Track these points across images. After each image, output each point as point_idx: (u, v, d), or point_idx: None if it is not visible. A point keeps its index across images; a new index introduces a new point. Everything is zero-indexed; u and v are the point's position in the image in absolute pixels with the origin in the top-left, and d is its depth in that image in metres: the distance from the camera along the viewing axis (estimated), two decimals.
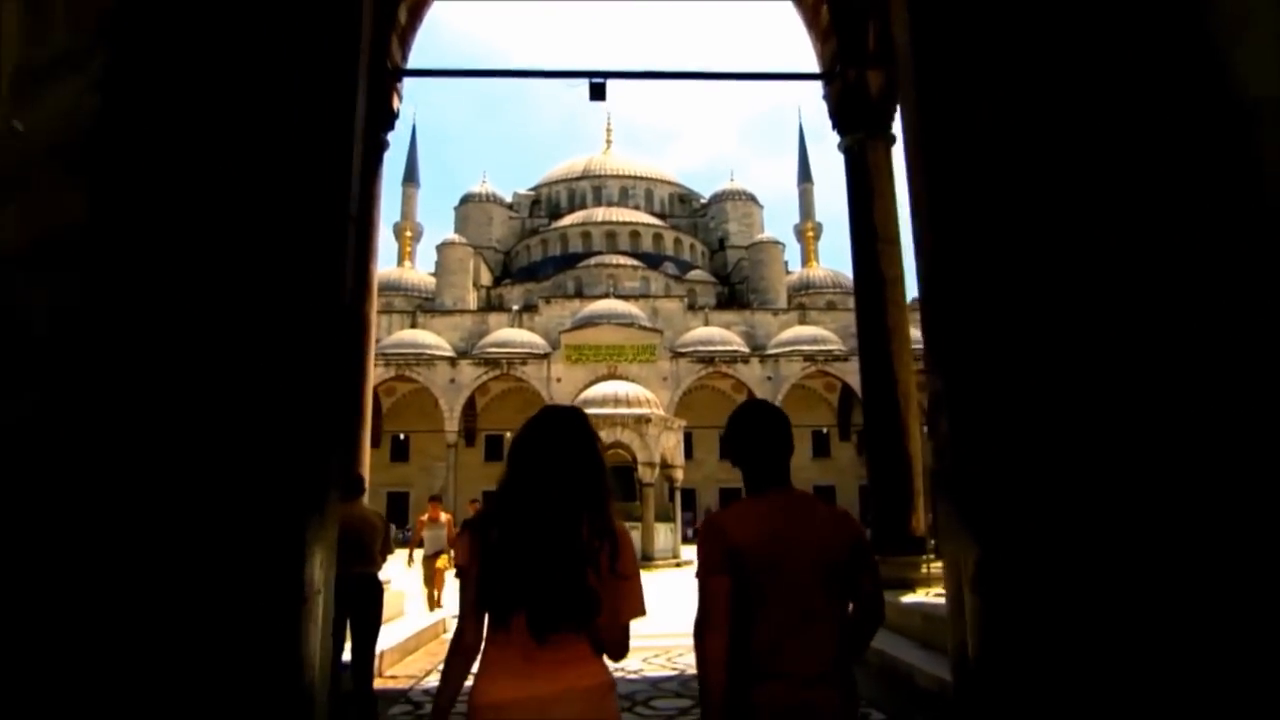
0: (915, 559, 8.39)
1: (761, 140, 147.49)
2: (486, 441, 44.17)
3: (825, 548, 2.07)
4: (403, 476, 43.68)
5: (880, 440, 8.99)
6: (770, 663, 1.97)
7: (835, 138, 10.05)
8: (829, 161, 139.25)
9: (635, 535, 24.01)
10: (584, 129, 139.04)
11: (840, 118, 10.03)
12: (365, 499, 9.10)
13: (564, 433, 1.96)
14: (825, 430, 44.30)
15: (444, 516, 11.97)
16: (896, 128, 9.93)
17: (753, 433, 2.29)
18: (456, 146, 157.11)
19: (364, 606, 5.36)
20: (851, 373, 42.40)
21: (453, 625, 2.60)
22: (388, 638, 7.56)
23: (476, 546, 1.89)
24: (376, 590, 5.44)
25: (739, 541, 2.01)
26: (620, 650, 1.94)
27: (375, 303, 9.25)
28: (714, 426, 43.66)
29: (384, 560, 5.69)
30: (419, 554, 11.79)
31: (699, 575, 2.05)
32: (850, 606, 2.15)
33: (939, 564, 8.23)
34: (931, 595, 7.68)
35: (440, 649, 8.24)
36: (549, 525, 1.83)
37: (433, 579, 11.22)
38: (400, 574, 10.53)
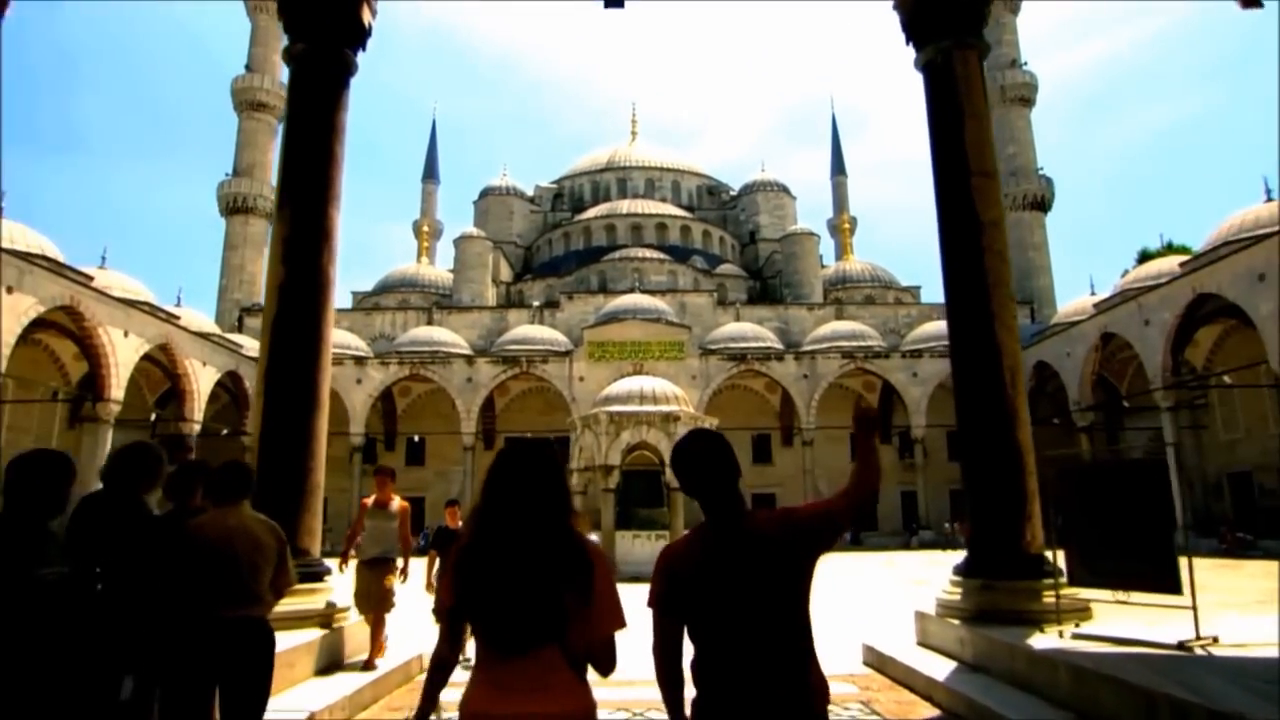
0: (1034, 584, 6.30)
1: (791, 136, 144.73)
2: (506, 445, 42.37)
3: (766, 559, 2.06)
4: (418, 481, 41.97)
5: (979, 427, 6.92)
6: (723, 682, 2.03)
7: (868, 128, 8.07)
8: (862, 155, 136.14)
9: (662, 543, 21.98)
10: (609, 127, 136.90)
11: (916, 26, 8.01)
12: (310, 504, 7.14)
13: (529, 464, 2.05)
14: None
15: (396, 503, 7.19)
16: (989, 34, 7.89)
17: (690, 463, 2.23)
18: (479, 145, 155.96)
19: (241, 667, 3.44)
20: (893, 370, 40.03)
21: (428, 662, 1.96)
22: (332, 690, 5.66)
23: (455, 581, 1.99)
24: (261, 642, 3.52)
25: (680, 571, 2.12)
26: (607, 665, 1.98)
27: (335, 257, 7.35)
28: (746, 428, 41.63)
29: (278, 596, 3.75)
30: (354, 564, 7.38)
31: (649, 604, 2.16)
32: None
33: (1071, 590, 6.16)
34: (1068, 636, 5.61)
35: (410, 697, 6.31)
36: (520, 548, 1.92)
37: (374, 600, 6.75)
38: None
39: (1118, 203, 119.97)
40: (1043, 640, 5.50)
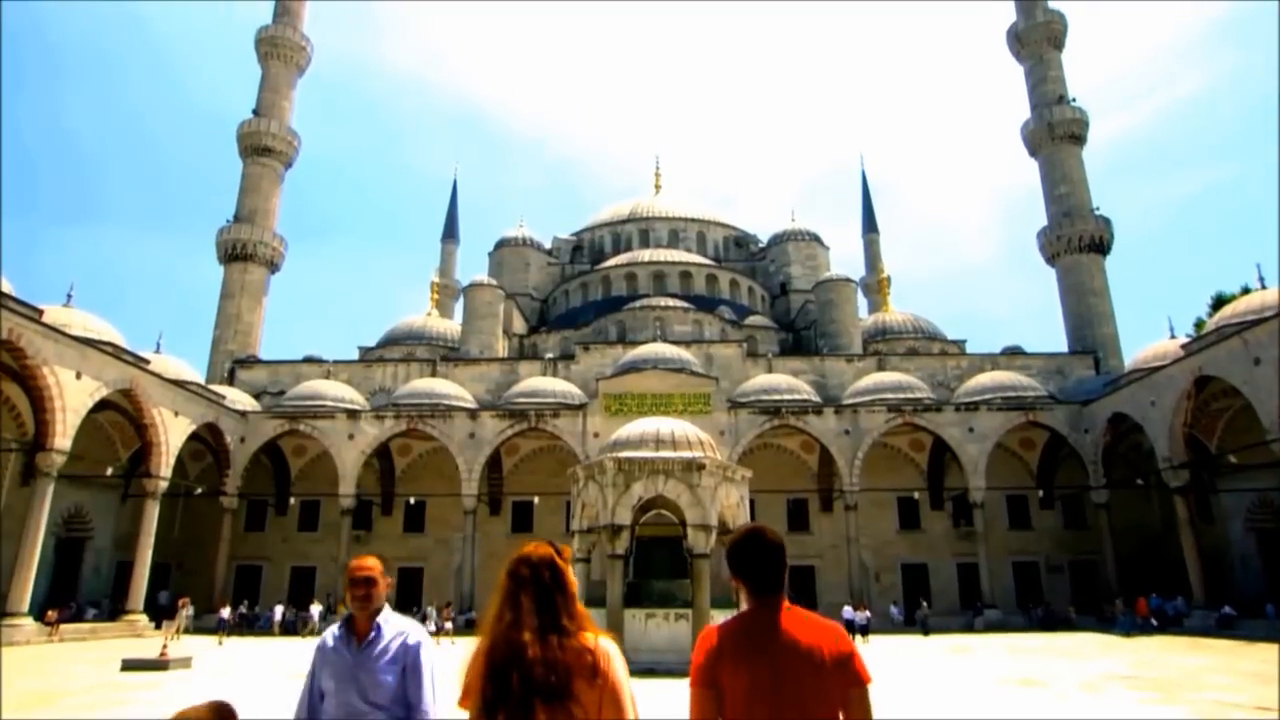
0: None
1: (817, 206, 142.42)
2: (514, 509, 38.02)
3: (805, 660, 2.26)
4: (417, 549, 37.73)
5: None
6: None
7: (897, 199, 4.37)
8: (890, 225, 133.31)
9: (683, 625, 17.41)
10: (635, 186, 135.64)
11: None
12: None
13: (540, 571, 2.42)
14: (915, 496, 37.00)
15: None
16: None
17: (748, 559, 2.48)
18: (502, 207, 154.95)
19: None
20: (945, 425, 35.08)
21: None
22: None
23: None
24: None
25: (723, 653, 2.32)
26: None
27: None
28: (780, 491, 36.45)
29: None
30: None
31: (690, 683, 2.37)
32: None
33: None
34: None
35: None
36: (526, 640, 2.30)
37: None
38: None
39: (1183, 246, 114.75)
40: None
